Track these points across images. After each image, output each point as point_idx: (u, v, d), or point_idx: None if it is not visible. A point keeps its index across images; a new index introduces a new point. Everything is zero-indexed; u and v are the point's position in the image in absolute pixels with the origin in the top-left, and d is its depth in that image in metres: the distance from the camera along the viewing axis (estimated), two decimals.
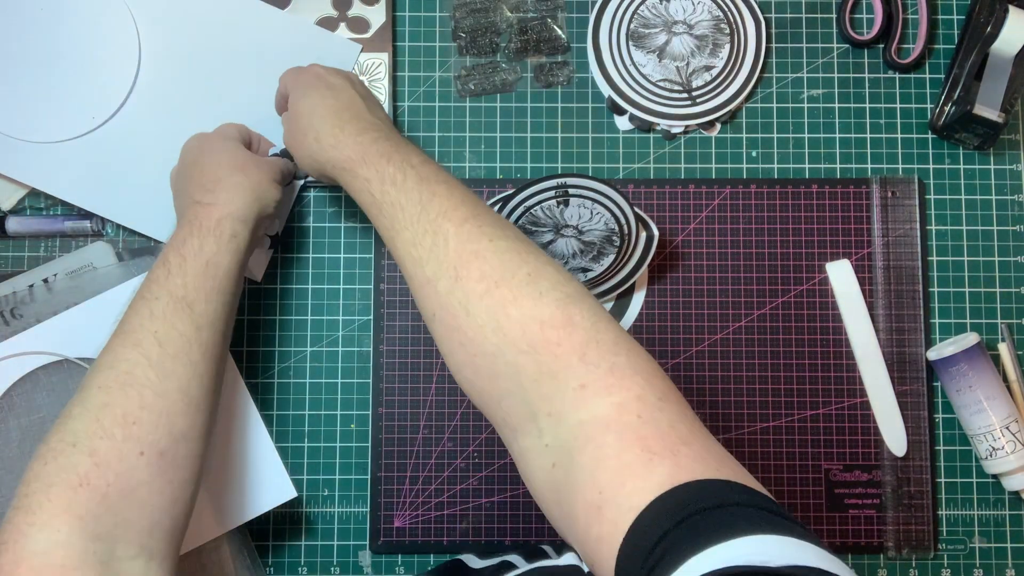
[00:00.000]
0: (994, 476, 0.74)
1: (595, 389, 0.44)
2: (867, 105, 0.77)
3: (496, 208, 0.70)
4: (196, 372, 0.57)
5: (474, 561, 0.66)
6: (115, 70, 0.73)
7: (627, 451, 0.41)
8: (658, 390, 0.45)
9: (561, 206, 0.70)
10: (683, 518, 0.37)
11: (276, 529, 0.72)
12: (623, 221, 0.70)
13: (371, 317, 0.74)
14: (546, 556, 0.63)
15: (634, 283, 0.74)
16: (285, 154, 0.70)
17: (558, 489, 0.44)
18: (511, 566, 0.62)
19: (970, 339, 0.72)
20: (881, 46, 0.78)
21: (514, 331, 0.47)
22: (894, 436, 0.73)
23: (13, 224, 0.73)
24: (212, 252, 0.60)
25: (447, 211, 0.53)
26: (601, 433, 0.43)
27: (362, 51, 0.75)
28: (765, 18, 0.77)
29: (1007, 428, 0.71)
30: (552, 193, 0.69)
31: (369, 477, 0.73)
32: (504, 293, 0.49)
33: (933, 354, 0.73)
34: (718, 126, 0.77)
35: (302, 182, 0.75)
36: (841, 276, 0.75)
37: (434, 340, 0.53)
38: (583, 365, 0.45)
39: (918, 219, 0.75)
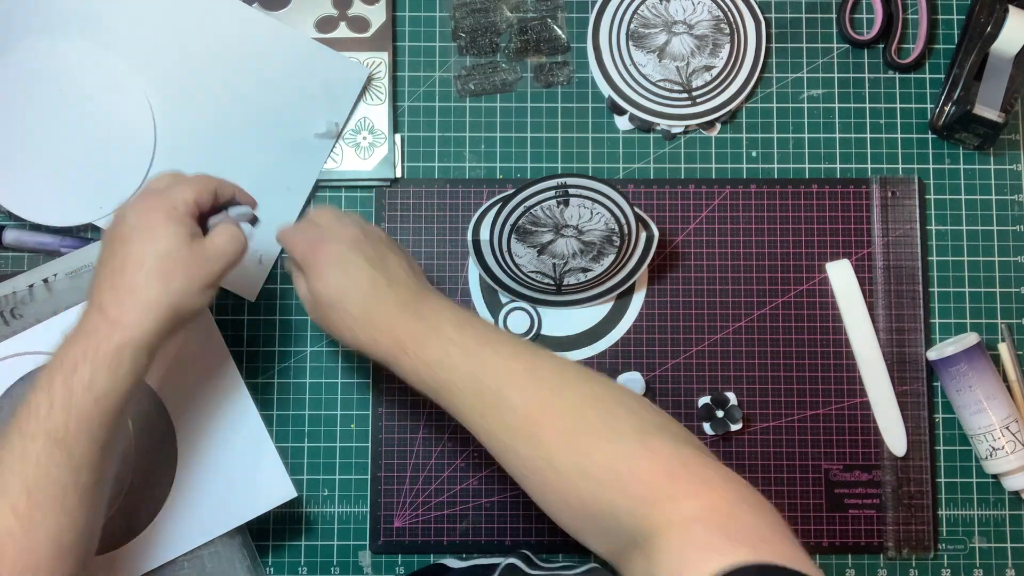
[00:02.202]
0: (994, 476, 0.74)
1: (687, 495, 0.46)
2: (867, 105, 0.77)
3: (496, 208, 0.70)
4: (70, 520, 0.51)
5: (454, 562, 0.66)
6: (127, 161, 0.73)
7: (710, 536, 0.44)
8: (749, 498, 0.46)
9: (561, 206, 0.70)
10: None
11: (276, 529, 0.72)
12: (623, 221, 0.70)
13: None
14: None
15: (634, 283, 0.74)
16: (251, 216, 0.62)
17: None
18: (492, 568, 0.62)
19: (970, 339, 0.72)
20: (881, 46, 0.78)
21: (602, 474, 0.49)
22: (894, 436, 0.73)
23: (9, 237, 0.73)
24: (104, 389, 0.52)
25: (502, 376, 0.53)
26: (688, 525, 0.45)
27: (362, 51, 0.75)
28: (765, 18, 0.77)
29: (1007, 428, 0.71)
30: (552, 193, 0.69)
31: (369, 477, 0.73)
32: (584, 441, 0.50)
33: (933, 354, 0.73)
34: (718, 126, 0.77)
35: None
36: (841, 276, 0.75)
37: (526, 492, 0.53)
38: (673, 482, 0.47)
39: (918, 219, 0.75)
